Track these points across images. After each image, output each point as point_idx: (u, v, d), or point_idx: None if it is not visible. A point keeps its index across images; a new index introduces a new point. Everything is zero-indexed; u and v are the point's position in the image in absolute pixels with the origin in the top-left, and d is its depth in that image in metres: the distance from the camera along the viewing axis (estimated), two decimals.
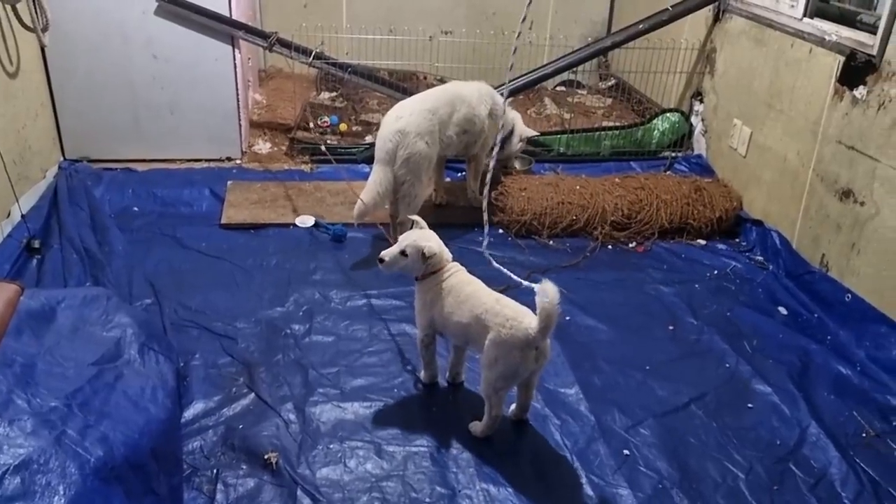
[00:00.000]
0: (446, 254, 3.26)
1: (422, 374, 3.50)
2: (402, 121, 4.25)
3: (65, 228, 4.38)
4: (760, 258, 4.70)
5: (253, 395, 3.37)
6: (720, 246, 4.85)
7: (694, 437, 3.27)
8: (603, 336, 3.92)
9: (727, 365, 3.74)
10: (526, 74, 5.68)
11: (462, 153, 4.82)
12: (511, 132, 5.05)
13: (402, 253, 3.16)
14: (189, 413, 3.23)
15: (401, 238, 3.21)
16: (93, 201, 4.72)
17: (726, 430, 3.30)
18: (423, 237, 3.20)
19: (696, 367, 3.73)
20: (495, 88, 5.46)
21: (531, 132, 5.21)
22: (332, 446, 3.11)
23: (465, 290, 3.16)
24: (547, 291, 2.81)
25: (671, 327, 4.02)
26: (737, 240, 4.93)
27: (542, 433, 3.26)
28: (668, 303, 4.22)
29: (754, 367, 3.71)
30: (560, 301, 2.84)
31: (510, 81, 5.60)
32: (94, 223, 4.50)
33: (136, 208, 4.84)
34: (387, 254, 3.16)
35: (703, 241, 4.86)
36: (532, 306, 2.92)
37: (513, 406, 3.28)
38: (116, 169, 5.24)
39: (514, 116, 5.14)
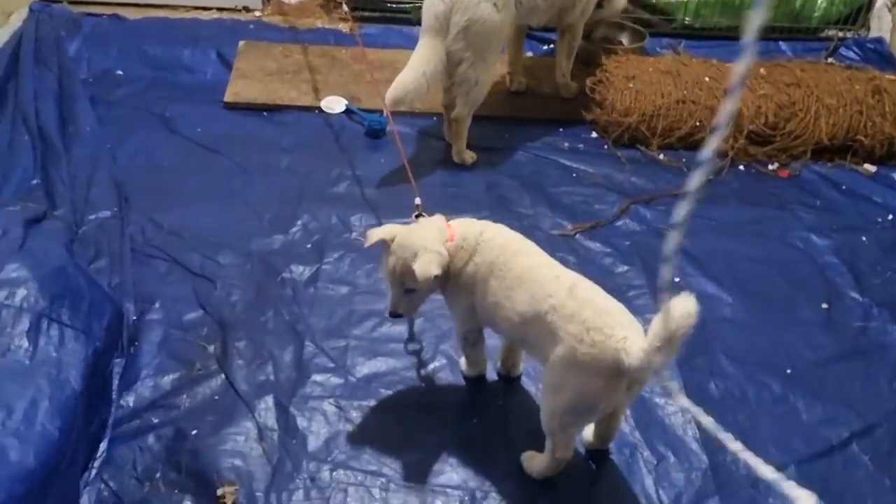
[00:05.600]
0: (459, 232, 2.12)
1: (462, 364, 2.45)
2: None
3: (21, 97, 3.35)
4: None
5: (222, 376, 2.41)
6: None
7: (858, 502, 2.18)
8: (727, 312, 2.77)
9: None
10: None
11: (553, 22, 3.50)
12: None
13: (409, 291, 2.07)
14: (129, 400, 2.31)
15: (386, 274, 2.10)
16: (64, 60, 3.63)
17: None
18: (406, 253, 2.04)
19: (859, 374, 2.59)
20: None
21: None
22: (319, 477, 2.16)
23: (515, 267, 2.03)
24: (684, 310, 1.65)
25: (825, 305, 2.82)
26: None
27: (626, 476, 2.23)
28: (822, 264, 2.99)
29: None
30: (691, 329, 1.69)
31: None
32: (60, 91, 3.45)
33: (120, 72, 3.73)
34: (396, 306, 2.14)
35: (872, 168, 3.51)
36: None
37: (589, 431, 2.22)
38: (102, 16, 4.07)
39: None
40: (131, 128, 3.38)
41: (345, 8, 3.73)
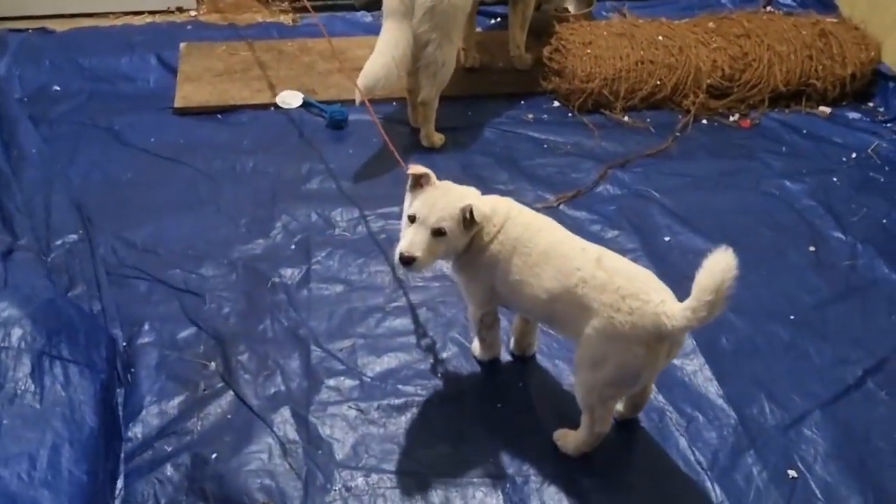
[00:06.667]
0: (489, 205, 2.05)
1: (475, 348, 2.39)
2: None
3: None
4: None
5: (231, 393, 2.29)
6: (851, 115, 3.58)
7: (884, 439, 2.23)
8: None
9: None
10: None
11: None
12: None
13: (438, 233, 1.94)
14: (137, 431, 2.17)
15: (415, 210, 1.97)
16: None
17: None
18: (448, 195, 1.98)
19: (858, 311, 2.65)
20: None
21: None
22: (353, 485, 2.08)
23: (540, 243, 2.00)
24: (724, 263, 1.74)
25: (812, 248, 2.87)
26: (870, 104, 3.66)
27: (660, 441, 2.22)
28: (801, 208, 3.05)
29: None
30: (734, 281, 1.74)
31: None
32: None
33: (56, 87, 3.50)
34: (413, 247, 1.93)
35: (827, 110, 3.59)
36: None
37: (620, 401, 2.20)
38: (28, 30, 3.81)
39: None
40: (80, 144, 3.17)
41: None
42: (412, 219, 1.97)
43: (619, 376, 1.92)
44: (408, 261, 1.93)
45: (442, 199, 1.96)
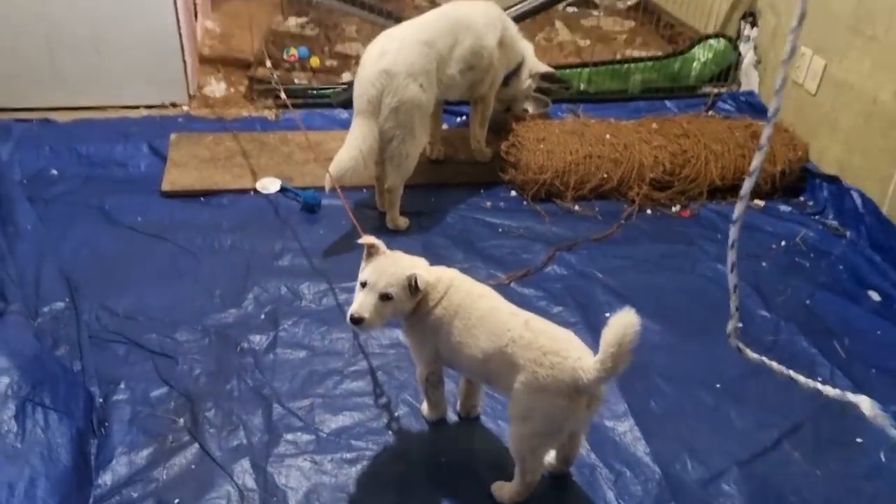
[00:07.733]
0: (435, 274, 2.33)
1: (424, 409, 2.61)
2: (388, 58, 3.24)
3: None
4: (835, 223, 3.78)
5: (196, 445, 2.49)
6: (782, 208, 3.92)
7: (795, 495, 2.44)
8: (656, 339, 3.03)
9: (819, 379, 2.87)
10: None
11: (466, 95, 3.82)
12: (519, 66, 4.03)
13: (385, 297, 2.21)
14: (106, 478, 2.34)
15: (366, 277, 2.24)
16: None
17: (836, 483, 2.47)
18: (397, 264, 2.26)
19: (779, 382, 2.81)
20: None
21: (544, 67, 4.19)
22: None
23: (478, 308, 2.25)
24: (626, 320, 1.96)
25: (740, 325, 3.11)
26: (801, 198, 4.00)
27: (590, 495, 2.41)
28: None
29: (854, 381, 2.87)
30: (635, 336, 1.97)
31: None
32: None
33: (54, 171, 3.82)
34: (362, 308, 2.19)
35: (761, 202, 3.93)
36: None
37: (551, 456, 2.41)
38: (31, 120, 4.18)
39: (525, 47, 4.10)
40: (72, 222, 3.46)
41: (283, 96, 3.92)
42: (363, 284, 2.24)
43: (545, 427, 2.14)
44: (357, 321, 2.19)
45: (391, 267, 2.23)
